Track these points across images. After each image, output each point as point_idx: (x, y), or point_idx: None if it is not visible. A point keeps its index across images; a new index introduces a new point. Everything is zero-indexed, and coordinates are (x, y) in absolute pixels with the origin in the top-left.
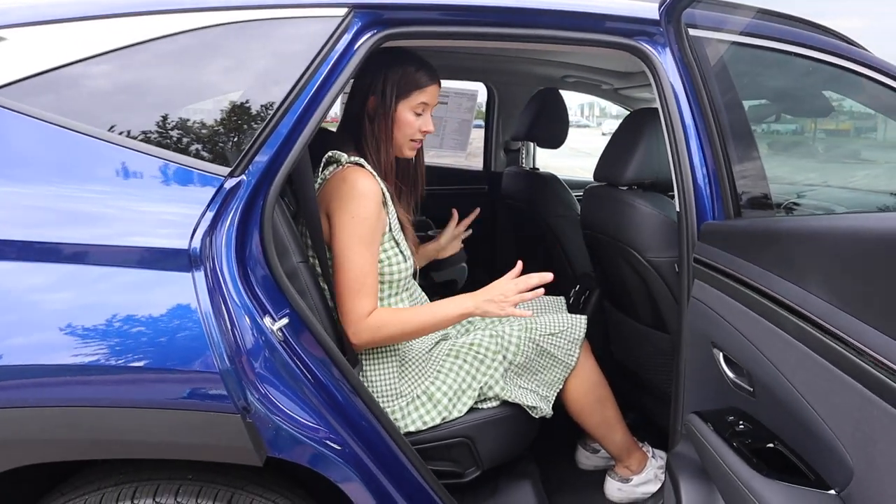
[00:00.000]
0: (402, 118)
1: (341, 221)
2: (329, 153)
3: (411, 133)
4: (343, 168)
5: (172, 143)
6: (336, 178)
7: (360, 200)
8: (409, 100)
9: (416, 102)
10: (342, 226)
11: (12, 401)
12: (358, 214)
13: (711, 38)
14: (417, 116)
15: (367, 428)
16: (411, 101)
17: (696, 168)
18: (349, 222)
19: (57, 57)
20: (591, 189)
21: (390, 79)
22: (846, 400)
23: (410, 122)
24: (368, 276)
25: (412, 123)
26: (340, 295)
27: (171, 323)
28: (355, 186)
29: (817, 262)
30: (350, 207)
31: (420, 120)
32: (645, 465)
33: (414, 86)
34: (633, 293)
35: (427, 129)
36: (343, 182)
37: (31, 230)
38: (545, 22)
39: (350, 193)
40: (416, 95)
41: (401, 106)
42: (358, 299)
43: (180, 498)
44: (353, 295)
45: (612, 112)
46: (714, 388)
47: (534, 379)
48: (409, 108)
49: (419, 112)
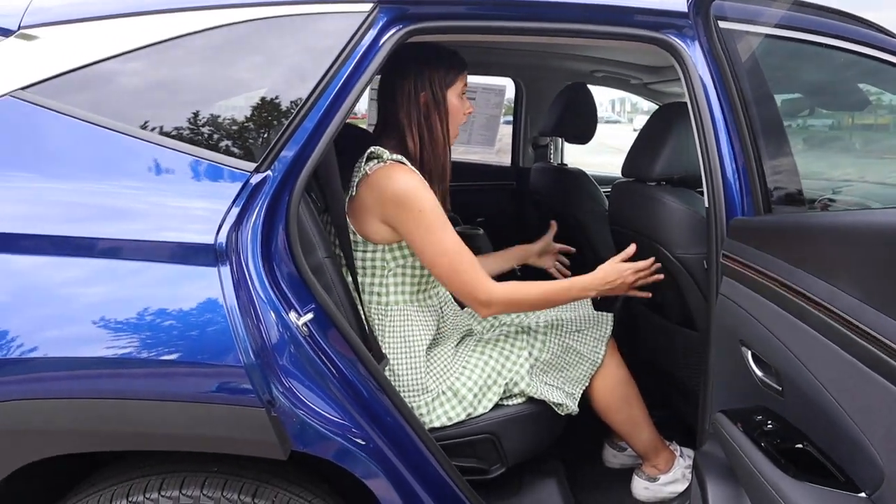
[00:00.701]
0: (453, 105)
1: (412, 220)
2: (372, 148)
3: (459, 118)
4: (387, 165)
5: (199, 138)
6: (381, 176)
7: (418, 193)
8: (455, 87)
9: (459, 87)
10: (416, 224)
11: (45, 392)
12: (424, 207)
13: (742, 31)
14: (462, 102)
15: (392, 424)
16: (457, 88)
17: (725, 163)
18: (420, 217)
19: (88, 54)
20: (619, 185)
21: (435, 74)
22: (877, 400)
23: (458, 107)
24: (464, 253)
25: (459, 108)
26: (452, 282)
27: (197, 317)
28: (408, 183)
29: (847, 258)
30: (413, 204)
31: (463, 102)
32: (673, 464)
33: (455, 72)
34: (662, 290)
35: (469, 110)
36: (390, 181)
37: (66, 225)
38: (572, 15)
39: (406, 192)
40: (460, 80)
41: (449, 94)
42: (469, 275)
43: (206, 490)
44: (463, 275)
45: (643, 108)
46: (742, 387)
47: (559, 376)
48: (456, 95)
49: (462, 96)
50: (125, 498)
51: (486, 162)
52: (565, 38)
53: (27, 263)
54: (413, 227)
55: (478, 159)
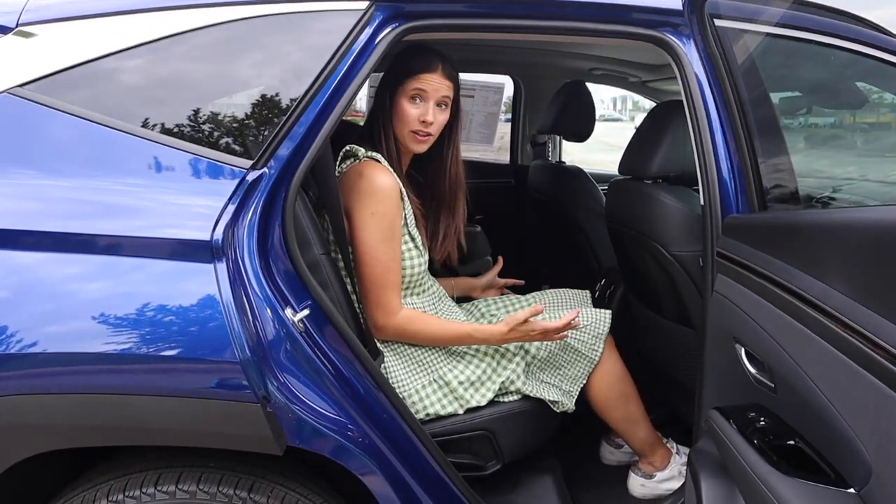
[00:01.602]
0: (400, 108)
1: (362, 218)
2: (347, 147)
3: (410, 124)
4: (360, 163)
5: (197, 136)
6: (352, 173)
7: (379, 196)
8: (403, 88)
9: (409, 90)
10: (363, 223)
11: (44, 387)
12: (378, 211)
13: (737, 29)
14: (415, 106)
15: (388, 420)
16: (406, 90)
17: (720, 161)
18: (370, 219)
19: (86, 52)
20: (616, 182)
21: (390, 72)
22: (865, 397)
23: (407, 111)
24: (392, 272)
25: (409, 113)
26: (365, 290)
27: (194, 313)
28: (373, 183)
29: (838, 255)
30: (370, 204)
31: (418, 110)
32: (669, 461)
33: (405, 73)
34: (658, 288)
35: (426, 119)
36: (359, 177)
37: (66, 222)
38: (569, 13)
39: (368, 190)
40: (410, 83)
41: (398, 96)
42: (383, 293)
43: (202, 485)
44: (378, 290)
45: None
46: (736, 384)
47: (556, 374)
48: (405, 97)
49: (416, 101)
50: (122, 492)
51: (484, 160)
52: (562, 35)
53: (27, 259)
54: (361, 224)
55: (476, 157)
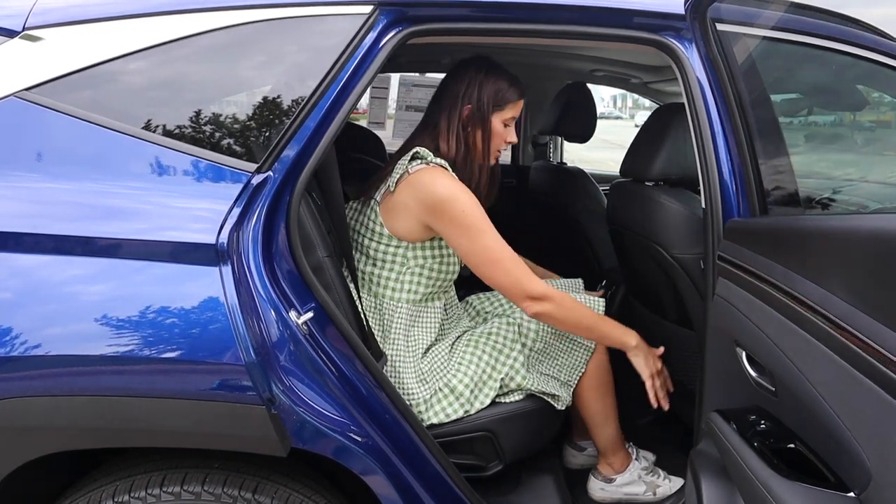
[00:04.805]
0: (496, 129)
1: (455, 224)
2: (417, 148)
3: (499, 144)
4: (430, 167)
5: (202, 139)
6: (423, 177)
7: (460, 196)
8: (502, 112)
9: (507, 116)
10: (462, 225)
11: (48, 389)
12: (466, 208)
13: (739, 33)
14: (506, 129)
15: (391, 421)
16: (504, 114)
17: (722, 164)
18: (462, 217)
19: (92, 56)
20: (618, 184)
21: (486, 90)
22: (864, 402)
23: (501, 133)
24: (509, 251)
25: (502, 135)
26: (503, 282)
27: (198, 315)
28: (448, 187)
29: (838, 262)
30: (457, 206)
31: (507, 131)
32: (628, 465)
33: (507, 100)
34: (659, 290)
35: (511, 140)
36: (433, 184)
37: (70, 224)
38: (571, 18)
39: (448, 196)
40: (509, 109)
41: (494, 118)
42: (518, 273)
43: (207, 486)
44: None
45: (644, 104)
46: (737, 387)
47: (554, 364)
48: (500, 120)
49: (508, 125)
50: (127, 493)
51: None
52: (563, 39)
53: (31, 262)
54: (457, 232)
55: None
